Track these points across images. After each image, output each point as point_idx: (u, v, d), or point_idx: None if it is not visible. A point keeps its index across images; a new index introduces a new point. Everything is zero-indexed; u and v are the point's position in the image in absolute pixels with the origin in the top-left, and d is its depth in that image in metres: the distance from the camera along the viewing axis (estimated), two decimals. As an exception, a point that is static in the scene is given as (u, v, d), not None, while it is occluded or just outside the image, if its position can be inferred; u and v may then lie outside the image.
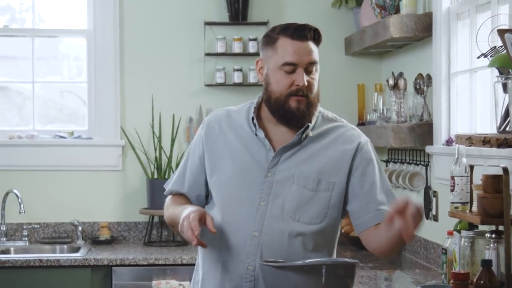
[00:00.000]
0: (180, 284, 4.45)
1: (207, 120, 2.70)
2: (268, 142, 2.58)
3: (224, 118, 2.68)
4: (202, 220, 2.42)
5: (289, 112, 2.53)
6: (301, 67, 2.51)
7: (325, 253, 2.60)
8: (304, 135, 2.58)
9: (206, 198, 2.69)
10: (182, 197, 2.71)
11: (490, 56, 3.02)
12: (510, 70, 2.79)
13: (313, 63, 2.53)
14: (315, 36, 2.54)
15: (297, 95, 2.51)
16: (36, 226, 5.07)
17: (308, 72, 2.52)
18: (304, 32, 2.52)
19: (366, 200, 2.57)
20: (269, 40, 2.56)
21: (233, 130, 2.64)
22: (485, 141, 2.71)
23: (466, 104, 3.89)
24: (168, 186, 2.77)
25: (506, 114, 2.81)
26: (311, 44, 2.53)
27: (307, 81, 2.51)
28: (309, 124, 2.57)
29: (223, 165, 2.60)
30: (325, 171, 2.56)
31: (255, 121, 2.59)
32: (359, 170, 2.58)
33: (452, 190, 3.20)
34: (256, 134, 2.60)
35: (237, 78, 5.14)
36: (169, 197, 2.76)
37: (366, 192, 2.57)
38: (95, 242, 5.02)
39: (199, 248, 2.67)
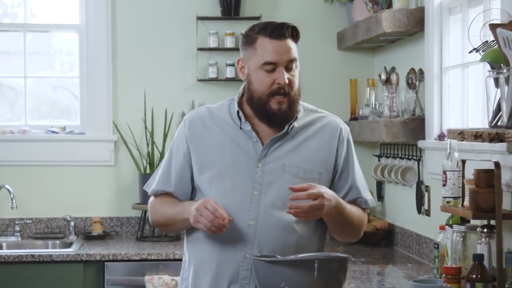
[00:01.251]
0: (172, 279, 4.45)
1: (189, 118, 2.71)
2: (255, 134, 2.62)
3: (206, 114, 2.70)
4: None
5: (270, 113, 2.58)
6: (281, 66, 2.55)
7: (317, 239, 2.66)
8: (290, 127, 2.61)
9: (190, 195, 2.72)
10: (169, 196, 2.71)
11: (482, 51, 3.02)
12: (502, 65, 2.79)
13: (292, 60, 2.57)
14: (293, 33, 2.59)
15: (279, 94, 2.55)
16: (28, 221, 5.06)
17: (288, 69, 2.57)
18: (282, 31, 2.56)
19: (340, 189, 2.67)
20: (248, 39, 2.60)
21: (217, 125, 2.67)
22: (477, 136, 2.71)
23: (458, 98, 3.90)
24: (151, 186, 2.76)
25: (498, 109, 2.81)
26: (290, 42, 2.57)
27: (288, 79, 2.56)
28: (297, 115, 2.62)
29: (212, 159, 2.62)
30: (313, 160, 2.63)
31: (240, 114, 2.62)
32: (342, 160, 2.67)
33: (444, 185, 3.21)
34: (241, 128, 2.63)
35: (229, 73, 5.14)
36: (153, 198, 2.75)
37: (341, 184, 2.67)
38: (88, 237, 5.01)
39: (188, 243, 2.71)
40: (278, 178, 2.59)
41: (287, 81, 2.55)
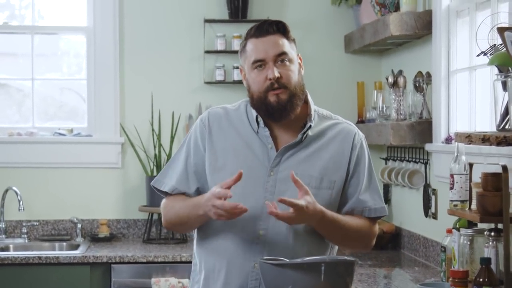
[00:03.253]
0: (179, 282, 4.45)
1: (205, 117, 2.68)
2: (271, 141, 2.60)
3: (223, 115, 2.67)
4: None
5: (269, 106, 2.56)
6: (270, 61, 2.55)
7: (326, 249, 2.64)
8: (304, 135, 2.59)
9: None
10: (181, 195, 2.67)
11: (490, 54, 3.02)
12: (509, 68, 2.78)
13: (281, 54, 2.56)
14: (280, 28, 2.58)
15: (273, 89, 2.54)
16: (35, 223, 5.07)
17: (279, 63, 2.55)
18: (264, 27, 2.57)
19: (348, 197, 2.63)
20: (242, 46, 2.65)
21: (233, 127, 2.64)
22: (485, 139, 2.71)
23: (465, 102, 3.89)
24: (162, 183, 2.69)
25: (506, 112, 2.81)
26: (277, 37, 2.57)
27: (280, 73, 2.54)
28: (311, 124, 2.60)
29: (225, 162, 2.60)
30: (327, 169, 2.60)
31: (259, 119, 2.60)
32: (352, 168, 2.63)
33: (451, 188, 3.20)
34: (257, 132, 2.61)
35: (236, 75, 5.14)
36: (166, 199, 2.69)
37: (351, 191, 2.63)
38: (94, 239, 5.02)
39: (198, 248, 2.67)
40: (289, 188, 2.53)
41: (277, 75, 2.53)
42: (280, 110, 2.56)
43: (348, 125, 2.69)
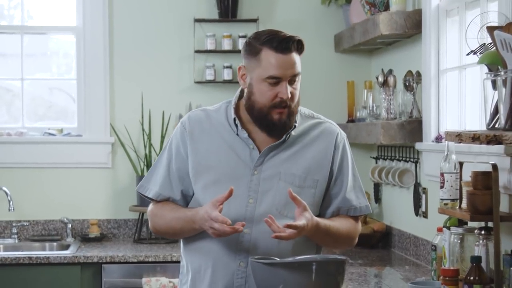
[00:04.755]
0: (170, 281, 4.45)
1: (187, 120, 2.67)
2: (252, 142, 2.61)
3: (204, 118, 2.67)
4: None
5: (271, 123, 2.56)
6: (285, 80, 2.52)
7: (313, 245, 2.65)
8: (288, 135, 2.61)
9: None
10: (169, 203, 2.67)
11: (480, 53, 3.03)
12: (499, 67, 2.79)
13: (296, 75, 2.55)
14: (298, 46, 2.55)
15: (280, 107, 2.53)
16: (25, 223, 5.06)
17: (291, 83, 2.55)
18: (288, 45, 2.52)
19: (333, 197, 2.66)
20: (253, 49, 2.55)
21: (215, 130, 2.64)
22: (475, 138, 2.72)
23: (455, 101, 3.90)
24: (147, 189, 2.69)
25: (496, 111, 2.82)
26: (295, 56, 2.54)
27: (290, 92, 2.53)
28: (295, 125, 2.61)
29: (208, 165, 2.60)
30: (310, 168, 2.62)
31: (237, 121, 2.61)
32: (337, 168, 2.66)
33: (441, 187, 3.21)
34: (237, 134, 2.61)
35: (227, 75, 5.14)
36: (153, 205, 2.69)
37: (336, 190, 2.66)
38: (85, 239, 5.01)
39: (184, 249, 2.69)
40: (273, 186, 2.57)
41: (290, 96, 2.53)
42: (280, 129, 2.57)
43: (330, 124, 2.71)
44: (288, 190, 2.48)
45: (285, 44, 2.51)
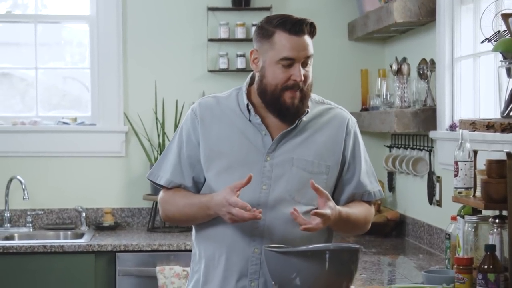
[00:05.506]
0: (183, 270, 4.46)
1: (197, 107, 2.67)
2: (264, 127, 2.61)
3: (215, 104, 2.67)
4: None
5: (284, 107, 2.56)
6: (298, 62, 2.54)
7: (325, 231, 2.64)
8: (299, 120, 2.61)
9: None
10: (181, 189, 2.67)
11: (494, 41, 3.01)
12: (514, 55, 2.77)
13: (309, 57, 2.56)
14: (311, 29, 2.57)
15: (293, 89, 2.54)
16: (40, 212, 5.08)
17: (304, 65, 2.56)
18: (301, 27, 2.54)
19: (347, 183, 2.68)
20: (265, 32, 2.56)
21: (226, 116, 2.64)
22: (489, 126, 2.70)
23: (469, 89, 3.88)
24: (157, 176, 2.68)
25: (510, 99, 2.80)
26: (307, 38, 2.56)
27: (303, 75, 2.55)
28: (307, 110, 2.62)
29: (220, 151, 2.60)
30: (321, 154, 2.62)
31: (250, 107, 2.61)
32: (349, 154, 2.67)
33: (455, 175, 3.20)
34: (250, 120, 2.61)
35: (240, 63, 5.13)
36: (164, 192, 2.69)
37: (349, 176, 2.67)
38: (99, 228, 5.02)
39: (197, 237, 2.69)
40: (286, 172, 2.58)
41: (303, 78, 2.54)
42: (293, 114, 2.58)
43: (341, 110, 2.72)
44: (310, 182, 2.49)
45: (298, 26, 2.53)
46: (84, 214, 5.05)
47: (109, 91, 5.15)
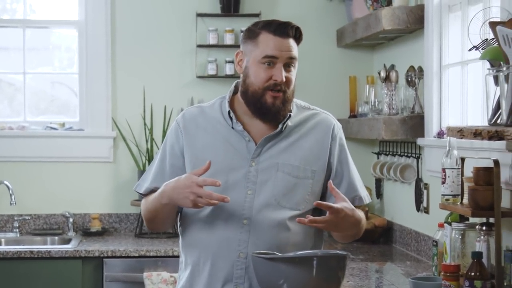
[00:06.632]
0: (171, 276, 4.45)
1: (181, 119, 2.70)
2: (247, 134, 2.62)
3: (199, 114, 2.69)
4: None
5: (264, 106, 2.57)
6: (281, 62, 2.55)
7: (312, 236, 2.65)
8: (284, 125, 2.61)
9: None
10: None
11: (482, 49, 3.02)
12: (501, 63, 2.79)
13: (292, 58, 2.57)
14: (297, 34, 2.59)
15: (275, 90, 2.55)
16: (27, 217, 5.06)
17: (287, 68, 2.57)
18: (286, 30, 2.56)
19: (336, 187, 2.63)
20: (251, 34, 2.60)
21: (210, 125, 2.66)
22: (476, 134, 2.71)
23: (457, 96, 3.90)
24: (143, 187, 2.71)
25: (497, 107, 2.81)
26: (292, 41, 2.58)
27: (285, 77, 2.56)
28: (291, 114, 2.62)
29: (205, 159, 2.58)
30: (307, 159, 2.63)
31: (231, 114, 2.62)
32: (336, 159, 2.67)
33: (443, 183, 3.21)
34: (233, 128, 2.62)
35: (229, 69, 5.14)
36: (144, 199, 2.72)
37: (337, 181, 2.66)
38: (86, 233, 5.01)
39: (183, 243, 2.69)
40: (272, 177, 2.59)
41: (284, 79, 2.55)
42: (273, 114, 2.58)
43: (326, 115, 2.73)
44: (329, 182, 2.50)
45: (283, 28, 2.56)
46: (71, 220, 5.03)
47: (97, 96, 5.14)
